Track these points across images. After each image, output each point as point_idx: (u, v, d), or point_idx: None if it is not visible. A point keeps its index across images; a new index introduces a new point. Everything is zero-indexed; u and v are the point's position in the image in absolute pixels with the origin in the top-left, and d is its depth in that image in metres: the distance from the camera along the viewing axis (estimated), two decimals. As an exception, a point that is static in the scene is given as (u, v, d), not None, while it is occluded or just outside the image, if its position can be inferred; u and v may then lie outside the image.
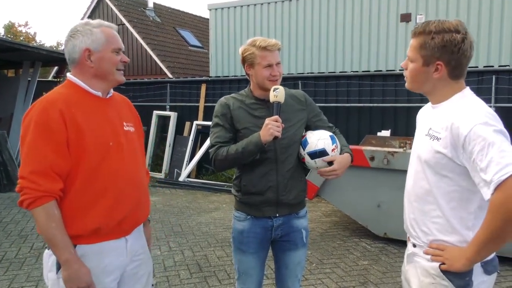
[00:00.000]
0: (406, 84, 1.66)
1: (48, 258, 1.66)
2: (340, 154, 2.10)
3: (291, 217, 2.19)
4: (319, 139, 2.07)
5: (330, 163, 2.03)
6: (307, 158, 2.08)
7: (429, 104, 1.68)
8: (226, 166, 2.16)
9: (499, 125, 1.41)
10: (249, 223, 2.17)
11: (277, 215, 2.15)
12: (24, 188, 1.55)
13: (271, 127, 1.93)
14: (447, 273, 1.49)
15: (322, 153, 2.03)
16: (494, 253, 1.55)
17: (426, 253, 1.56)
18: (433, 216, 1.55)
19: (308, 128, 2.21)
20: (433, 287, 1.53)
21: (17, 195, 1.60)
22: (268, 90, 2.11)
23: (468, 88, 1.57)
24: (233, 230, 2.24)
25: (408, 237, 1.72)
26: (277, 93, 2.00)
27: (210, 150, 2.14)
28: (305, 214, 2.27)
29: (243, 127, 2.10)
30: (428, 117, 1.65)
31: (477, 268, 1.48)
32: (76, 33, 1.70)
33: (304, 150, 2.09)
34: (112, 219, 1.68)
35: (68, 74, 1.76)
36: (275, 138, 1.95)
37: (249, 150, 2.00)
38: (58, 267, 1.61)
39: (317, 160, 2.04)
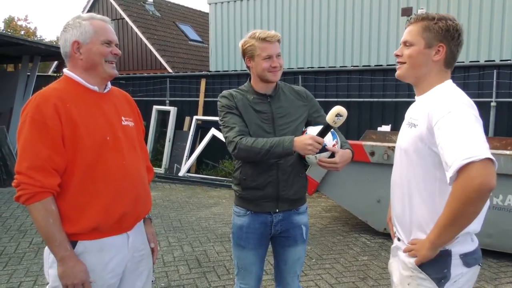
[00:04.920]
0: (398, 72, 1.65)
1: (49, 255, 1.65)
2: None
3: (291, 213, 2.17)
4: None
5: (332, 155, 2.01)
6: None
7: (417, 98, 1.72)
8: (247, 157, 2.03)
9: (475, 112, 1.43)
10: (248, 218, 2.15)
11: (277, 210, 2.14)
12: (21, 184, 1.54)
13: (312, 148, 1.88)
14: (423, 266, 1.51)
15: (322, 148, 2.00)
16: (477, 245, 1.55)
17: (404, 251, 1.59)
18: (411, 205, 1.57)
19: (309, 123, 2.19)
20: (411, 280, 1.56)
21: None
22: (269, 82, 2.10)
23: (450, 80, 1.61)
24: (233, 225, 2.23)
25: (395, 232, 1.74)
26: (338, 120, 1.86)
27: (229, 135, 2.04)
28: (306, 210, 2.25)
29: (247, 120, 2.08)
30: (411, 109, 1.69)
31: (456, 260, 1.49)
32: (67, 27, 1.69)
33: None
34: (111, 216, 1.66)
35: (65, 70, 1.74)
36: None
37: (276, 152, 1.94)
38: None
39: (317, 155, 2.02)
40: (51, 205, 1.56)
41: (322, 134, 1.93)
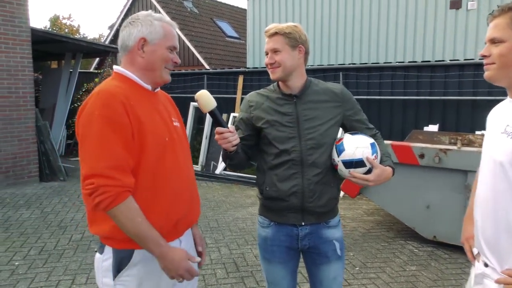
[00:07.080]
0: (487, 73, 1.43)
1: (101, 263, 1.56)
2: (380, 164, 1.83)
3: (320, 227, 1.93)
4: (357, 147, 1.78)
5: (369, 170, 1.78)
6: (341, 166, 1.81)
7: (507, 100, 1.47)
8: (229, 165, 1.98)
9: None
10: (272, 230, 1.96)
11: (303, 223, 1.91)
12: (101, 187, 1.40)
13: (223, 141, 1.74)
14: None
15: (359, 163, 1.76)
16: None
17: (498, 282, 1.36)
18: (508, 229, 1.34)
19: (343, 127, 1.96)
20: None
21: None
22: (281, 81, 1.93)
23: None
24: (258, 236, 2.04)
25: (478, 253, 1.51)
26: (198, 104, 1.75)
27: None
28: (338, 223, 1.99)
29: (264, 122, 1.91)
30: (504, 114, 1.45)
31: None
32: (136, 21, 1.62)
33: (338, 156, 1.81)
34: (169, 220, 1.58)
35: (116, 67, 1.66)
36: (235, 145, 1.77)
37: (223, 154, 1.88)
38: (115, 272, 1.52)
39: (352, 170, 1.78)
40: (134, 204, 1.45)
41: (218, 123, 1.74)
